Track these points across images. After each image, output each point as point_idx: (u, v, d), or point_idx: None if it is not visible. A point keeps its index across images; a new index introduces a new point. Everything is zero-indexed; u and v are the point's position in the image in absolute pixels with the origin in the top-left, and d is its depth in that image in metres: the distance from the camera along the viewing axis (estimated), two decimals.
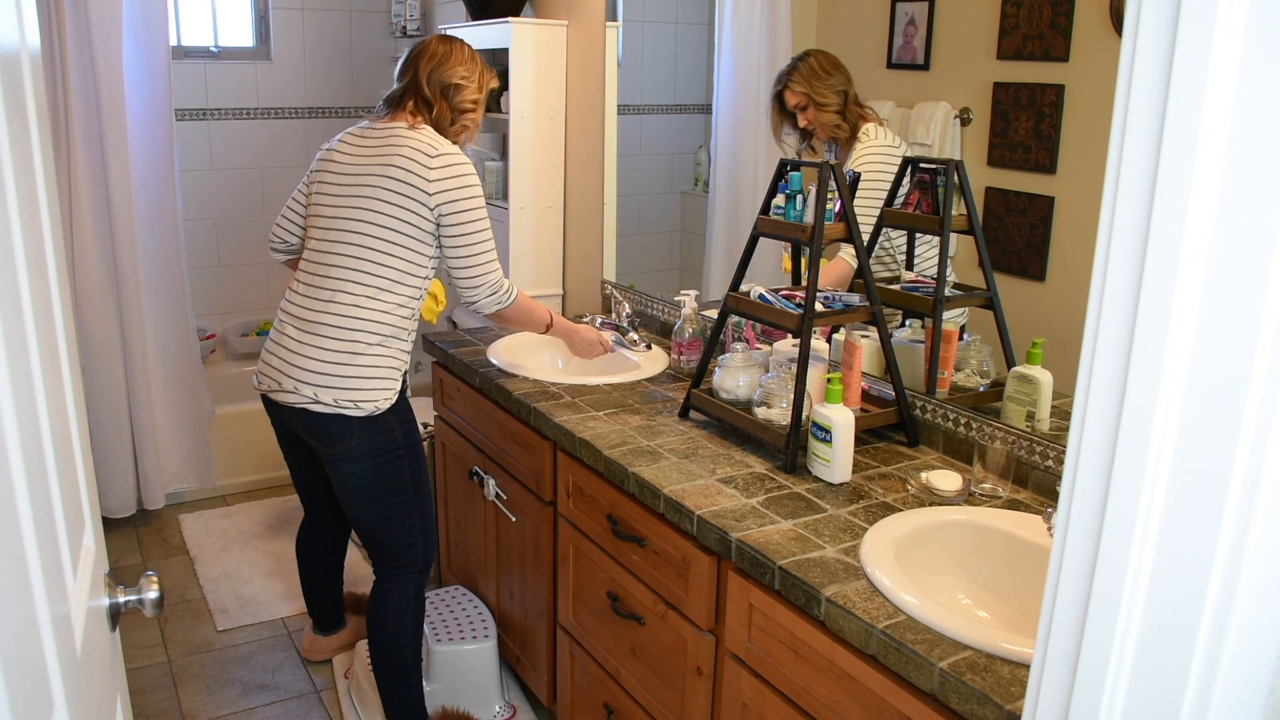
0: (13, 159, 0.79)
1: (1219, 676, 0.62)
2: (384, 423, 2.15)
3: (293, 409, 2.16)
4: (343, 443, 2.14)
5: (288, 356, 2.14)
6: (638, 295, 2.88)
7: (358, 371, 2.10)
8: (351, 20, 4.20)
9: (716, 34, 2.64)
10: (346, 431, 2.13)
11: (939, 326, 1.94)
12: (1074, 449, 0.68)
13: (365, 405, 2.11)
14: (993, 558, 1.57)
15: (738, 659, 1.63)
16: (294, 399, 2.13)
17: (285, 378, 2.13)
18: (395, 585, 2.28)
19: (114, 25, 3.13)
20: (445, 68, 2.18)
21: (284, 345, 2.16)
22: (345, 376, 2.10)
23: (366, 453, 2.15)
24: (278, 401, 2.18)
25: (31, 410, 0.80)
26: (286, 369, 2.14)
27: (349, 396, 2.10)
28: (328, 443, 2.15)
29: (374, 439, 2.15)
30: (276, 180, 4.20)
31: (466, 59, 2.21)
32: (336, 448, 2.15)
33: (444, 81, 2.17)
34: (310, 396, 2.10)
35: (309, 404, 2.11)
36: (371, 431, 2.14)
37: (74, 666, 0.83)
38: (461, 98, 2.19)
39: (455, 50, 2.21)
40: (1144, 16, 0.60)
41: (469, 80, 2.20)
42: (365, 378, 2.11)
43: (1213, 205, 0.58)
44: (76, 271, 3.23)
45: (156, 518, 3.62)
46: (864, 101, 2.17)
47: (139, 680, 2.69)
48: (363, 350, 2.10)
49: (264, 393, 2.23)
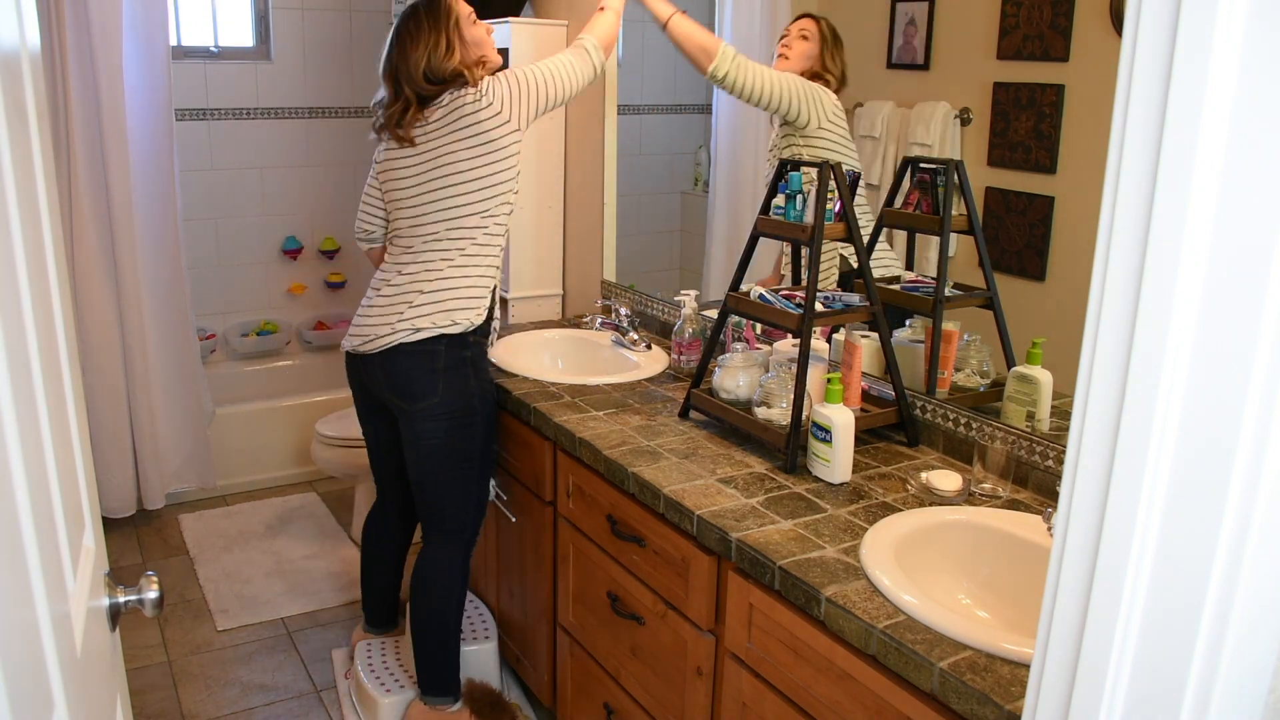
0: (13, 159, 0.79)
1: (1219, 676, 0.62)
2: (466, 385, 2.20)
3: (381, 365, 2.20)
4: (425, 399, 2.18)
5: (380, 310, 2.22)
6: (638, 295, 2.88)
7: (442, 292, 2.18)
8: (351, 20, 4.20)
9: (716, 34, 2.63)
10: (430, 386, 2.17)
11: (939, 326, 1.94)
12: (1074, 449, 0.68)
13: (461, 320, 2.17)
14: (993, 558, 1.57)
15: (738, 659, 1.63)
16: (386, 341, 2.17)
17: (381, 324, 2.19)
18: (445, 551, 2.31)
19: (114, 25, 3.13)
20: (406, 59, 2.15)
21: (376, 304, 2.24)
22: (433, 295, 2.18)
23: (445, 412, 2.19)
24: (367, 354, 2.23)
25: (31, 410, 0.80)
26: (381, 319, 2.20)
27: (446, 314, 2.16)
28: (410, 397, 2.19)
29: (454, 399, 2.19)
30: (276, 180, 4.20)
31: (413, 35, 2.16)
32: (419, 403, 2.18)
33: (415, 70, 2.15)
34: (409, 329, 2.16)
35: (406, 336, 2.16)
36: (453, 391, 2.19)
37: (74, 666, 0.83)
38: (439, 66, 2.15)
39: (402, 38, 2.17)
40: (1144, 16, 0.60)
41: (432, 48, 2.15)
42: (451, 293, 2.18)
43: (1212, 205, 0.58)
44: (76, 271, 3.23)
45: (156, 518, 3.62)
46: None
47: (139, 680, 2.69)
48: (445, 272, 2.19)
49: (353, 350, 2.28)
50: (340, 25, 4.18)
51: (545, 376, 2.40)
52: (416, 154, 2.20)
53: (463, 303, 2.18)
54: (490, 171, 2.17)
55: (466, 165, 2.16)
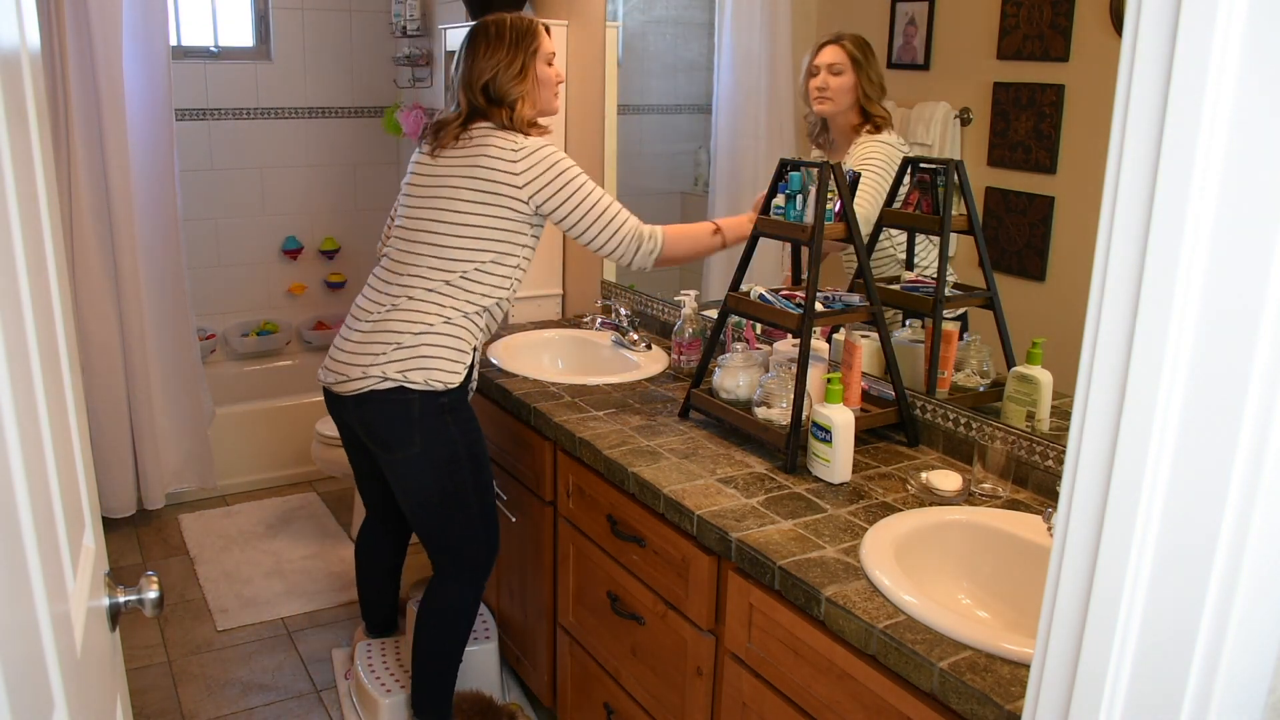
0: (13, 159, 0.79)
1: (1219, 676, 0.62)
2: (445, 433, 2.08)
3: (355, 408, 2.09)
4: (403, 449, 2.07)
5: (356, 347, 2.09)
6: (637, 295, 2.88)
7: (424, 347, 2.05)
8: (351, 20, 4.20)
9: (716, 34, 2.64)
10: (407, 436, 2.06)
11: (939, 326, 1.94)
12: (1074, 449, 0.68)
13: (435, 383, 2.04)
14: (993, 558, 1.57)
15: (738, 659, 1.63)
16: (358, 385, 2.06)
17: (352, 366, 2.07)
18: (453, 589, 2.22)
19: (114, 25, 3.13)
20: (474, 64, 2.10)
21: (352, 339, 2.11)
22: (414, 351, 2.04)
23: (428, 463, 2.08)
24: (341, 395, 2.12)
25: (31, 410, 0.80)
26: (352, 359, 2.08)
27: (418, 367, 2.03)
28: (387, 447, 2.09)
29: (435, 448, 2.08)
30: (276, 180, 4.20)
31: (491, 45, 2.10)
32: (397, 454, 2.08)
33: (477, 79, 2.09)
34: (379, 375, 2.03)
35: (376, 384, 2.04)
36: (433, 440, 2.07)
37: (74, 666, 0.83)
38: (503, 86, 2.08)
39: (478, 42, 2.11)
40: (1144, 16, 0.60)
41: (505, 65, 2.08)
42: (432, 349, 2.05)
43: (1212, 204, 0.58)
44: (76, 271, 3.23)
45: (156, 518, 3.62)
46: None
47: (139, 680, 2.69)
48: (434, 326, 2.06)
49: (328, 386, 2.16)
50: (340, 25, 4.18)
51: (545, 376, 2.40)
52: (435, 170, 2.12)
53: (443, 363, 2.05)
54: (486, 224, 2.06)
55: (464, 206, 2.06)
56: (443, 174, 2.10)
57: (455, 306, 2.07)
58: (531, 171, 2.04)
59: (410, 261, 2.11)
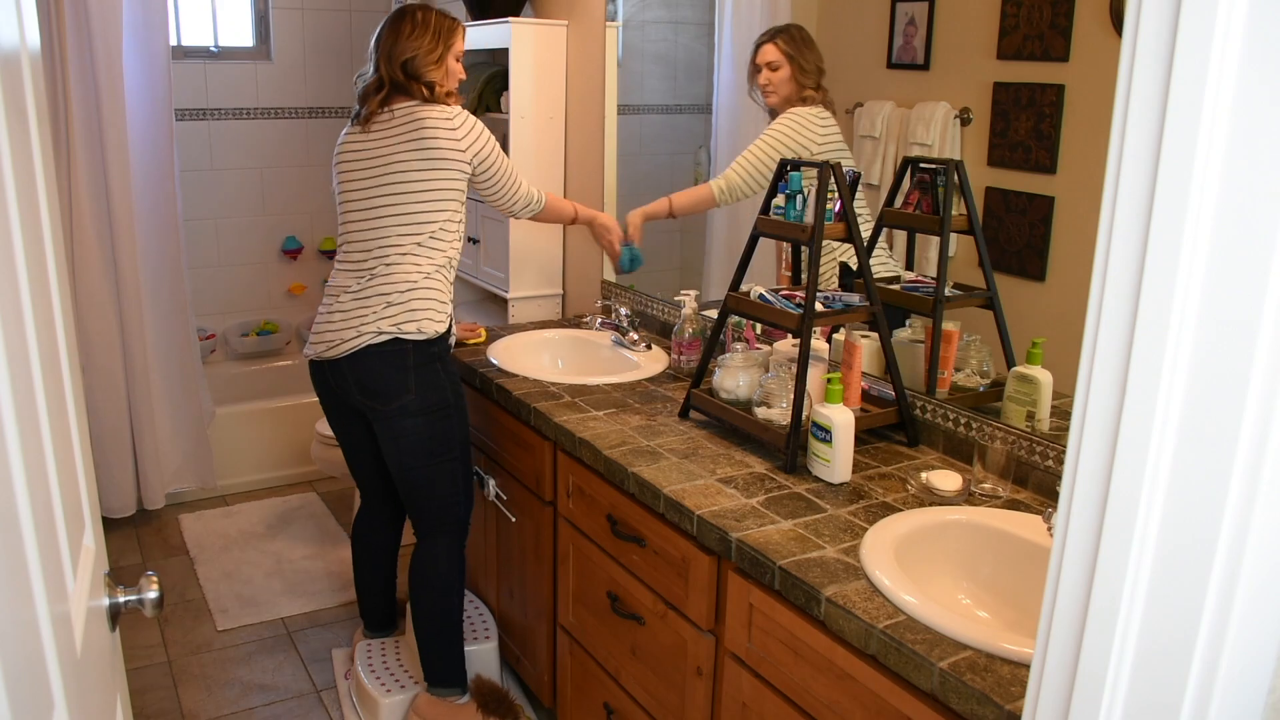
0: (13, 159, 0.79)
1: (1219, 676, 0.62)
2: (437, 378, 2.23)
3: (349, 367, 2.22)
4: (399, 397, 2.20)
5: (344, 316, 2.23)
6: (637, 295, 2.88)
7: (413, 301, 2.21)
8: (351, 20, 4.20)
9: (716, 34, 2.64)
10: (403, 384, 2.19)
11: (939, 326, 1.94)
12: (1074, 449, 0.68)
13: (427, 330, 2.20)
14: (993, 558, 1.57)
15: (738, 659, 1.63)
16: (353, 344, 2.20)
17: (345, 329, 2.22)
18: (440, 545, 2.33)
19: (114, 25, 3.13)
20: (398, 42, 2.27)
21: (338, 310, 2.25)
22: (403, 304, 2.20)
23: (421, 408, 2.21)
24: (333, 360, 2.24)
25: (31, 410, 0.80)
26: (344, 325, 2.22)
27: (410, 319, 2.19)
28: (384, 397, 2.21)
29: (429, 394, 2.22)
30: (276, 180, 4.20)
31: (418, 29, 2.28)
32: (394, 402, 2.21)
33: (399, 56, 2.26)
34: (374, 331, 2.18)
35: (372, 339, 2.18)
36: (427, 386, 2.21)
37: (74, 666, 0.83)
38: (421, 68, 2.26)
39: (404, 23, 2.28)
40: (1144, 16, 0.60)
41: (426, 50, 2.27)
42: (420, 303, 2.22)
43: (1212, 204, 0.58)
44: (76, 271, 3.23)
45: (156, 518, 3.62)
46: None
47: (139, 680, 2.69)
48: (417, 281, 2.22)
49: (317, 357, 2.29)
50: (340, 25, 4.18)
51: (545, 376, 2.40)
52: (369, 150, 2.26)
53: (430, 313, 2.22)
54: (439, 187, 2.23)
55: (415, 175, 2.22)
56: (383, 151, 2.25)
57: (431, 261, 2.25)
58: (470, 135, 2.26)
59: (377, 234, 2.26)
